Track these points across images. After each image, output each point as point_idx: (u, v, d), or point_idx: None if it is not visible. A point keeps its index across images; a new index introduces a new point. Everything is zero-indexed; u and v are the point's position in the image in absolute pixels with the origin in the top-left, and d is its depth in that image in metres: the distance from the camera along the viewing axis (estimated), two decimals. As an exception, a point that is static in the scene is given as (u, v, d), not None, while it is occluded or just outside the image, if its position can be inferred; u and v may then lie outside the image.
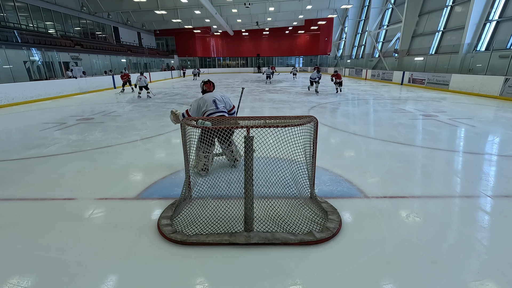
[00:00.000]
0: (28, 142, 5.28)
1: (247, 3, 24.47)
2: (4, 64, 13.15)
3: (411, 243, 2.20)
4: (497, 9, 12.84)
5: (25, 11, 17.78)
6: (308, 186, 2.82)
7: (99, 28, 25.42)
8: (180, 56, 39.01)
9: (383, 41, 23.74)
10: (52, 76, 15.54)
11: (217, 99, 3.47)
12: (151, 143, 5.16)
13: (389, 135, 5.48)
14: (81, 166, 3.99)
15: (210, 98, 3.46)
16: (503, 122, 6.59)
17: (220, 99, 3.52)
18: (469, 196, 2.99)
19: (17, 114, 8.67)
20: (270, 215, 2.53)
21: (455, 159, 4.23)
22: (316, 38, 39.89)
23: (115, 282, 1.86)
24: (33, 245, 2.23)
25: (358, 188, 3.15)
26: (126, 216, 2.64)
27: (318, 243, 2.18)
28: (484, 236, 2.30)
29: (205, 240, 2.19)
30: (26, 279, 1.89)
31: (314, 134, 2.63)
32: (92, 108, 9.59)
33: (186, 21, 29.62)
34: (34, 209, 2.83)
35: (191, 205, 2.72)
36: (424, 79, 15.03)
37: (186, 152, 2.63)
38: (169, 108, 9.24)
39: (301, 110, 8.55)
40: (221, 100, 3.50)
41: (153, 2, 23.64)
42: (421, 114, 7.55)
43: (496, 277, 1.85)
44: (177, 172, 3.64)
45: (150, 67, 28.60)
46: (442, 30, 16.34)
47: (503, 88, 10.25)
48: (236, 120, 2.97)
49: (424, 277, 1.85)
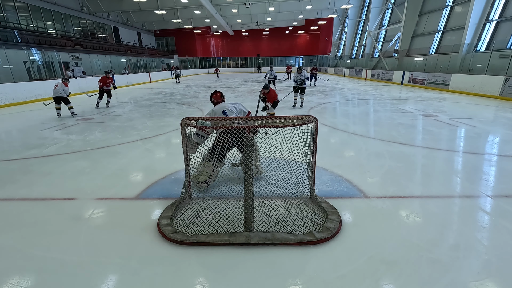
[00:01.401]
0: (28, 142, 5.28)
1: (247, 3, 24.45)
2: (4, 64, 13.14)
3: (411, 243, 2.20)
4: (497, 9, 12.84)
5: (25, 11, 17.77)
6: (308, 186, 2.82)
7: (99, 28, 25.41)
8: (180, 56, 38.99)
9: (383, 41, 23.73)
10: (52, 76, 15.53)
11: (227, 109, 3.32)
12: (151, 143, 5.15)
13: (389, 135, 5.48)
14: (81, 166, 3.99)
15: (220, 109, 3.32)
16: (503, 122, 6.58)
17: (231, 109, 3.35)
18: (469, 196, 2.99)
19: (17, 114, 8.67)
20: (270, 215, 2.53)
21: (455, 159, 4.23)
22: (316, 38, 39.87)
23: (115, 282, 1.86)
24: (33, 245, 2.23)
25: (358, 188, 3.15)
26: (126, 216, 2.64)
27: (318, 243, 2.18)
28: (484, 236, 2.30)
29: (205, 240, 2.19)
30: (26, 279, 1.89)
31: (314, 134, 2.63)
32: (92, 108, 9.59)
33: (186, 21, 29.61)
34: (34, 209, 2.83)
35: (191, 205, 2.72)
36: (424, 79, 15.02)
37: (186, 152, 2.63)
38: (169, 108, 9.24)
39: (301, 110, 8.55)
40: (231, 110, 3.34)
41: (153, 2, 23.62)
42: (421, 114, 7.55)
43: (496, 277, 1.85)
44: (177, 172, 3.64)
45: (150, 67, 28.58)
46: (442, 30, 16.34)
47: (503, 88, 10.25)
48: (250, 119, 2.86)
49: (424, 277, 1.85)
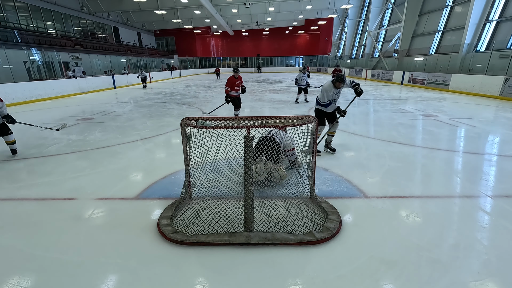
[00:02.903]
0: (28, 142, 5.27)
1: (247, 3, 24.45)
2: (4, 64, 13.15)
3: (411, 243, 2.20)
4: (497, 9, 12.84)
5: (25, 11, 17.77)
6: (308, 186, 2.82)
7: (99, 28, 25.42)
8: (180, 56, 39.01)
9: (383, 41, 23.73)
10: (52, 76, 15.54)
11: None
12: (151, 143, 5.15)
13: (389, 135, 5.47)
14: (81, 166, 3.99)
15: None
16: (503, 122, 6.58)
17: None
18: (469, 196, 2.98)
19: (17, 114, 8.65)
20: (270, 215, 2.53)
21: (455, 159, 4.23)
22: (316, 38, 39.87)
23: (115, 282, 1.86)
24: (33, 245, 2.23)
25: (358, 188, 3.15)
26: (126, 216, 2.64)
27: (318, 243, 2.18)
28: (484, 236, 2.30)
29: (205, 240, 2.19)
30: (26, 279, 1.89)
31: (314, 134, 2.63)
32: (92, 108, 9.59)
33: (186, 21, 29.61)
34: (34, 209, 2.83)
35: (191, 205, 2.72)
36: (424, 79, 15.02)
37: (186, 152, 2.63)
38: (169, 108, 9.23)
39: (301, 110, 8.55)
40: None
41: (153, 2, 23.62)
42: (421, 114, 7.55)
43: (496, 277, 1.85)
44: (177, 172, 3.64)
45: (150, 67, 28.58)
46: (442, 30, 16.33)
47: (503, 88, 10.25)
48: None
49: (424, 277, 1.85)
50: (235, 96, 6.63)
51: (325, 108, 4.20)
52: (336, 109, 4.21)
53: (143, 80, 17.75)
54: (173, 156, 4.32)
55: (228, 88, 6.44)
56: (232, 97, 6.58)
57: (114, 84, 17.36)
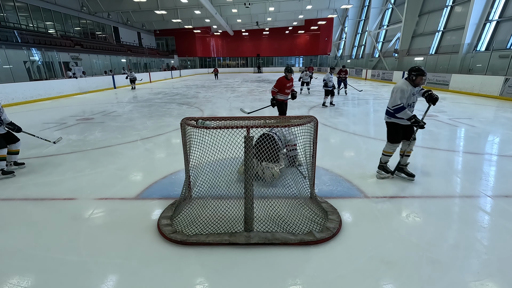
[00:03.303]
0: (28, 142, 5.27)
1: (247, 3, 24.46)
2: (4, 64, 13.15)
3: (411, 243, 2.20)
4: (497, 9, 12.84)
5: (25, 11, 17.78)
6: (308, 186, 2.82)
7: (99, 28, 25.42)
8: (180, 56, 39.01)
9: (383, 41, 23.74)
10: (52, 76, 15.54)
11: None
12: (151, 143, 5.15)
13: (389, 135, 5.46)
14: (81, 166, 3.99)
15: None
16: (503, 122, 6.58)
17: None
18: (469, 196, 2.98)
19: (17, 114, 8.66)
20: (270, 215, 2.53)
21: (455, 159, 4.23)
22: (316, 38, 39.88)
23: (115, 282, 1.86)
24: (33, 245, 2.23)
25: (358, 188, 3.15)
26: (126, 216, 2.64)
27: (318, 243, 2.18)
28: (484, 236, 2.30)
29: (205, 240, 2.19)
30: (26, 279, 1.89)
31: (314, 134, 2.63)
32: (92, 108, 9.58)
33: (186, 21, 29.62)
34: (34, 209, 2.83)
35: (191, 205, 2.72)
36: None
37: (186, 152, 2.63)
38: (169, 108, 9.23)
39: (301, 110, 8.55)
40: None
41: (153, 2, 23.63)
42: (421, 114, 7.53)
43: (496, 277, 1.85)
44: (177, 172, 3.64)
45: (150, 67, 28.58)
46: (442, 30, 16.34)
47: (503, 88, 10.25)
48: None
49: (424, 277, 1.85)
50: (283, 100, 5.56)
51: (398, 117, 3.30)
52: (411, 119, 3.22)
53: (132, 81, 16.82)
54: (173, 156, 4.32)
55: (276, 89, 5.36)
56: (279, 102, 5.51)
57: (114, 84, 17.36)
